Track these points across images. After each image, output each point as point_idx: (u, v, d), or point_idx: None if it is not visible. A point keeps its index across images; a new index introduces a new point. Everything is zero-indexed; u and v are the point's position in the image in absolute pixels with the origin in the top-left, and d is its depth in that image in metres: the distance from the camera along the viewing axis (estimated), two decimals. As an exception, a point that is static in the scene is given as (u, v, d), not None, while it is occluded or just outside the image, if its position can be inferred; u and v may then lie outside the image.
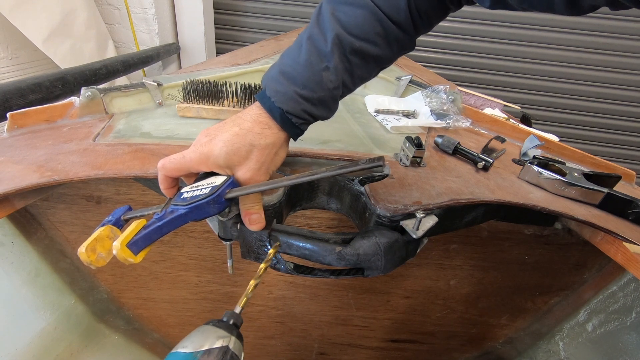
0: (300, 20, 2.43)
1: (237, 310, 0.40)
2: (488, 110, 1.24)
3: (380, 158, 0.43)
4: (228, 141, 0.45)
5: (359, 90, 0.57)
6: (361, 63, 0.47)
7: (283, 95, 0.45)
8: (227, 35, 2.55)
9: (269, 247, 0.51)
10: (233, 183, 0.45)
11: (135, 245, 0.42)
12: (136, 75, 2.15)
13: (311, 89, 0.45)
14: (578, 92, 2.43)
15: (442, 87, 0.94)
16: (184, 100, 0.79)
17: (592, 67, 2.35)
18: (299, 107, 0.46)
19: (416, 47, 0.52)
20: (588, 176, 0.69)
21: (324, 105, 0.47)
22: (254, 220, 0.49)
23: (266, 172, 0.48)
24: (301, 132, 0.49)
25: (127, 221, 0.49)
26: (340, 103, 0.54)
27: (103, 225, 0.47)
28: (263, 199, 0.53)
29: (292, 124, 0.47)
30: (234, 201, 0.49)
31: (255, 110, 0.48)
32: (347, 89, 0.49)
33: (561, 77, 2.40)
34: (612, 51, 2.29)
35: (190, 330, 0.37)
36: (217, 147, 0.45)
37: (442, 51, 2.42)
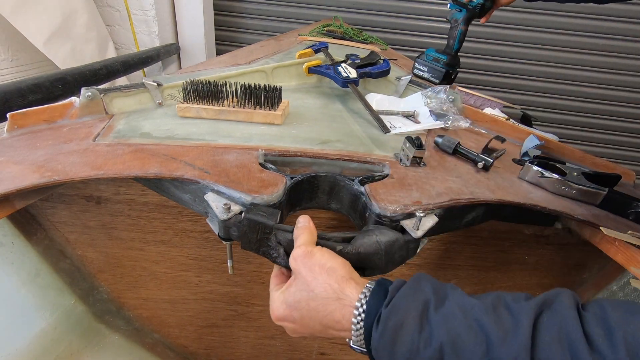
0: (299, 21, 2.43)
1: None
2: (488, 110, 1.24)
3: None
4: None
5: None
6: None
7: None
8: (227, 37, 2.55)
9: (272, 239, 0.50)
10: None
11: None
12: (136, 76, 2.15)
13: None
14: (579, 93, 2.43)
15: (441, 87, 0.94)
16: (183, 101, 0.80)
17: (593, 68, 2.35)
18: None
19: (417, 49, 0.51)
20: (588, 176, 0.69)
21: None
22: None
23: None
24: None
25: None
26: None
27: None
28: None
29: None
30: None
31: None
32: None
33: (562, 79, 2.40)
34: (612, 52, 2.29)
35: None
36: None
37: (442, 52, 2.42)
